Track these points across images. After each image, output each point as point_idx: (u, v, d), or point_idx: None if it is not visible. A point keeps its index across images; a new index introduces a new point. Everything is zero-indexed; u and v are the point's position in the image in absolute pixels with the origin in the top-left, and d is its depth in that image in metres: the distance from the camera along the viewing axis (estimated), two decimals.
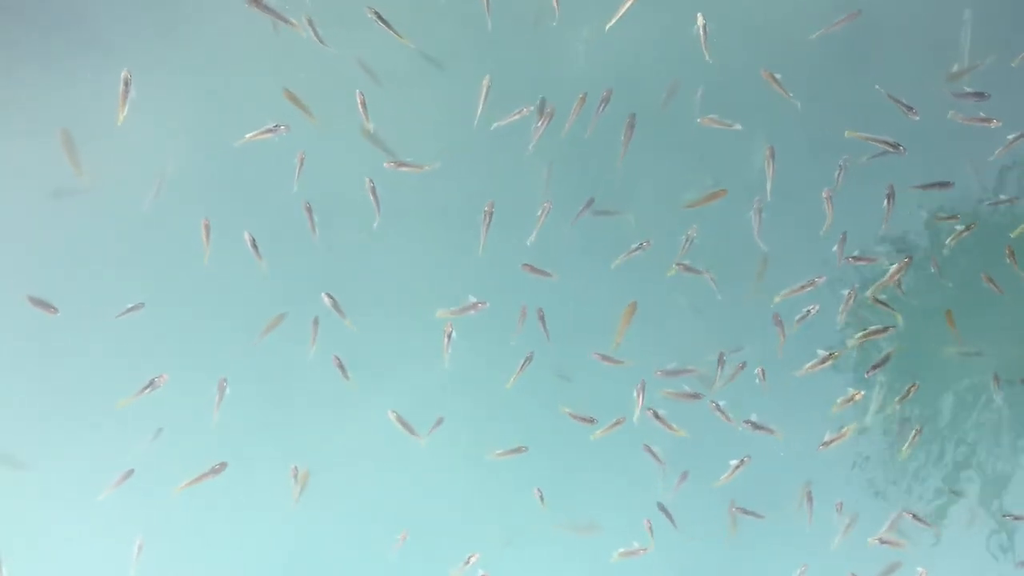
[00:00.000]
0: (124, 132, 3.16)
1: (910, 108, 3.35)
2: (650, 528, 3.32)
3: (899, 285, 3.39)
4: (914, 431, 3.37)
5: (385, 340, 3.32)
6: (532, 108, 3.33)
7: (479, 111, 3.31)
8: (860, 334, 3.39)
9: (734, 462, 3.31)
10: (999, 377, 3.41)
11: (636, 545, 3.32)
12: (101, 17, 3.22)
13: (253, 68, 3.27)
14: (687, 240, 3.36)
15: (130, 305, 3.17)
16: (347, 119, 3.29)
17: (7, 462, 3.16)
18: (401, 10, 3.28)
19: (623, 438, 3.34)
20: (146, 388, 3.15)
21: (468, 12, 3.33)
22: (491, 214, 3.32)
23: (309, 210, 3.26)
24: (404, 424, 3.28)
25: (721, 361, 3.34)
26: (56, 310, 3.15)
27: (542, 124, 3.33)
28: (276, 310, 3.26)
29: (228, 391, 3.18)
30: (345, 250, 3.32)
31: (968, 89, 3.36)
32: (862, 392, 3.36)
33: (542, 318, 3.34)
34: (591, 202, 3.38)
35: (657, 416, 3.31)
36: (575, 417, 3.34)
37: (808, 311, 3.36)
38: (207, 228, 3.19)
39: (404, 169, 3.30)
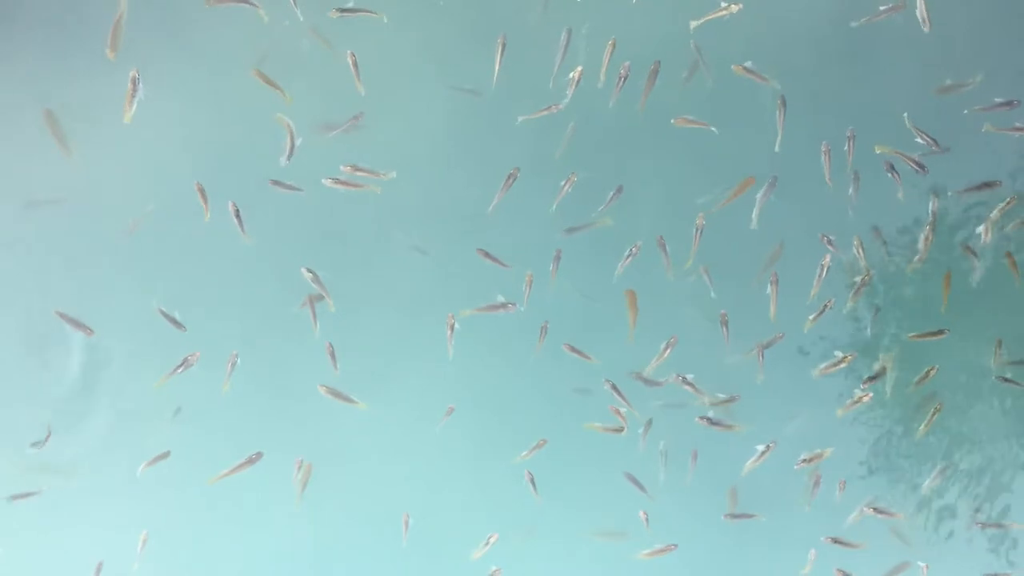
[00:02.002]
0: (127, 133, 3.17)
1: (935, 142, 3.34)
2: (646, 519, 3.30)
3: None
4: (933, 409, 3.38)
5: (389, 336, 3.32)
6: (561, 106, 3.29)
7: (496, 70, 3.27)
8: (914, 334, 3.38)
9: (760, 447, 3.30)
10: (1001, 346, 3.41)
11: (659, 545, 3.31)
12: (104, 17, 3.17)
13: (251, 69, 3.24)
14: (697, 230, 3.32)
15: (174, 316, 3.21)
16: (345, 121, 3.28)
17: (11, 457, 3.18)
18: (403, 8, 3.28)
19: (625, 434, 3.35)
20: (179, 367, 3.17)
21: (469, 13, 3.33)
22: (515, 176, 3.29)
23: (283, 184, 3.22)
24: (339, 395, 3.25)
25: (724, 321, 3.33)
26: (92, 331, 3.18)
27: (575, 76, 3.26)
28: (279, 309, 3.25)
29: (239, 362, 3.20)
30: (349, 247, 3.31)
31: (998, 100, 3.36)
32: (870, 394, 3.36)
33: (557, 258, 3.32)
34: (620, 190, 3.33)
35: (615, 389, 3.29)
36: (604, 429, 3.32)
37: (825, 305, 3.34)
38: (201, 191, 3.18)
39: (360, 174, 3.27)
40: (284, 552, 3.26)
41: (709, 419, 3.32)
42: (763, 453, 3.30)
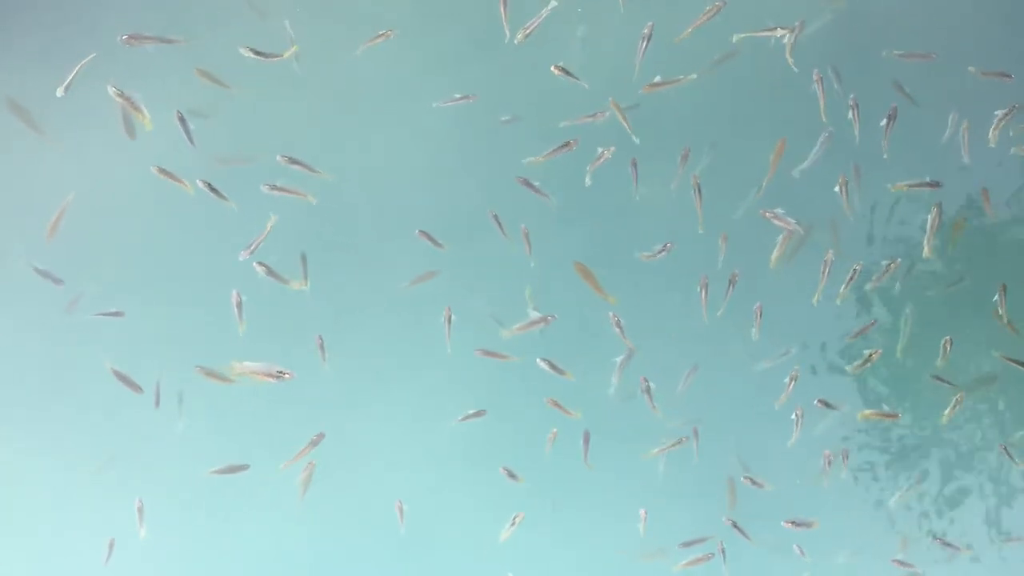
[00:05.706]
0: (124, 140, 3.20)
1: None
2: (644, 517, 3.28)
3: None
4: (955, 399, 3.32)
5: (391, 336, 3.33)
6: (607, 114, 3.26)
7: (504, 22, 3.23)
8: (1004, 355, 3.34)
9: (793, 416, 3.26)
10: None
11: (701, 554, 3.30)
12: (105, 19, 3.22)
13: (255, 73, 3.26)
14: (696, 191, 3.27)
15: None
16: (350, 122, 3.31)
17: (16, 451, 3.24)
18: (405, 9, 3.30)
19: (628, 429, 3.34)
20: (269, 375, 3.15)
21: (468, 16, 3.33)
22: (563, 146, 3.25)
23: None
24: (212, 374, 3.19)
25: (733, 281, 3.28)
26: (141, 390, 3.18)
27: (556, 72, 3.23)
28: (278, 310, 3.26)
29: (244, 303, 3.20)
30: (351, 247, 3.33)
31: None
32: (899, 414, 3.34)
33: (531, 184, 3.27)
34: (635, 163, 3.28)
35: (552, 365, 3.27)
36: (662, 450, 3.29)
37: (854, 270, 3.29)
38: (163, 171, 3.14)
39: (298, 167, 3.23)
40: (284, 552, 3.27)
41: (647, 392, 3.30)
42: (797, 422, 3.26)
